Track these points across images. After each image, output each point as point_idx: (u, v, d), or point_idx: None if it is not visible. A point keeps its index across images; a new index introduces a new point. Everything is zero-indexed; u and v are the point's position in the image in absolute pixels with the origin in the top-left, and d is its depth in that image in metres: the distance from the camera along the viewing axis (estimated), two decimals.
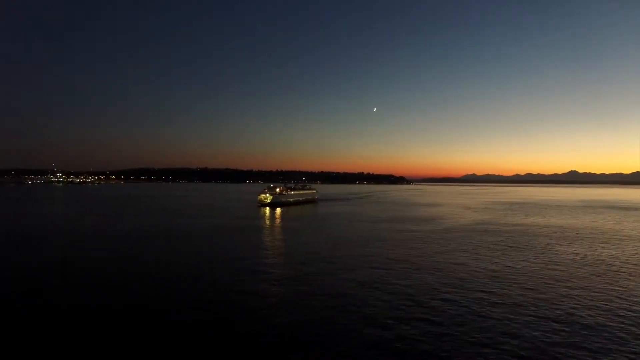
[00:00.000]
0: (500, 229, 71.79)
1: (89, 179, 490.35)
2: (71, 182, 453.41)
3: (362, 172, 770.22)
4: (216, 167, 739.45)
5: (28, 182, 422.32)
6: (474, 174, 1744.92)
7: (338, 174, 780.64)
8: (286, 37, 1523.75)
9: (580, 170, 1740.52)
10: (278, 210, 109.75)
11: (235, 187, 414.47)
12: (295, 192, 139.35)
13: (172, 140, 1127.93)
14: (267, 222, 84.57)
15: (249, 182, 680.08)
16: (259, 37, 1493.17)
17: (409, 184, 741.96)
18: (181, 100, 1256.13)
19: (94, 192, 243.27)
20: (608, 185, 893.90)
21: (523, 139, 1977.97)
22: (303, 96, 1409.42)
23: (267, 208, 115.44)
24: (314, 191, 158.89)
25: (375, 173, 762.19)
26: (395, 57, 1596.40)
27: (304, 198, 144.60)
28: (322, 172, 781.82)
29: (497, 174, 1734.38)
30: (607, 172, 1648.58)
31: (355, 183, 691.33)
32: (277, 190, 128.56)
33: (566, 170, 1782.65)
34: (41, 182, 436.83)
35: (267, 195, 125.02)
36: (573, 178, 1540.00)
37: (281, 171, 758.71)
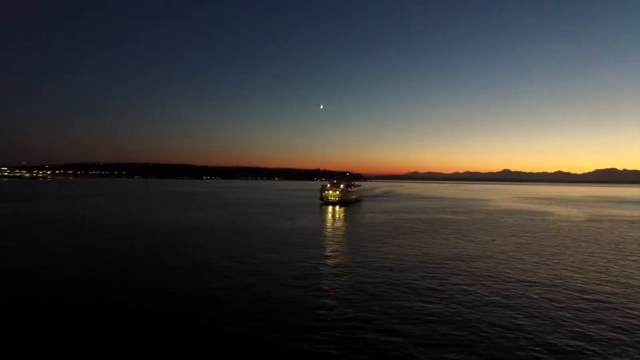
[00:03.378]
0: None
1: (39, 173, 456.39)
2: (20, 177, 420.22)
3: (319, 169, 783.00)
4: (168, 163, 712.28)
5: None
6: (416, 172, 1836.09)
7: (295, 170, 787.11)
8: (240, 35, 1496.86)
9: (512, 169, 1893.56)
10: (340, 208, 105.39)
11: (200, 182, 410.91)
12: (354, 189, 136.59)
13: (116, 133, 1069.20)
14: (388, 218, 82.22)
15: (206, 178, 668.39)
16: (213, 34, 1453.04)
17: (366, 180, 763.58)
18: (128, 91, 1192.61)
19: (82, 188, 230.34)
20: (539, 182, 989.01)
21: (461, 139, 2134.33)
22: (257, 93, 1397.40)
23: (333, 207, 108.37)
24: (360, 187, 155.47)
25: (331, 170, 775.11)
26: (345, 61, 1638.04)
27: (358, 195, 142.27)
28: (279, 168, 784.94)
29: (438, 171, 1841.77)
30: (534, 171, 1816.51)
31: (314, 179, 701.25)
32: (341, 187, 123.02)
33: (500, 169, 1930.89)
34: None
35: (334, 192, 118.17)
36: (506, 176, 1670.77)
37: (240, 167, 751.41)
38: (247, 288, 28.27)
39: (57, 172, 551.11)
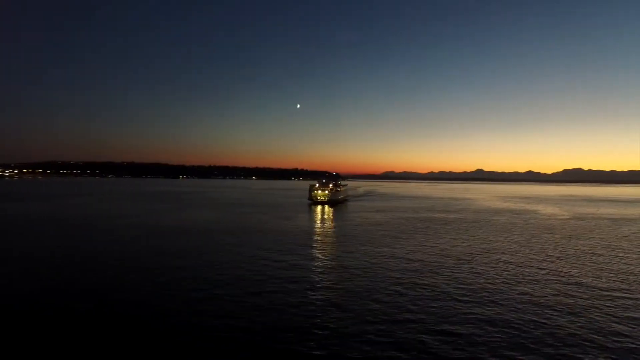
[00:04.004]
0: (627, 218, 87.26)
1: (5, 172, 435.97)
2: None
3: (297, 168, 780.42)
4: (142, 162, 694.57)
5: None
6: (392, 171, 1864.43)
7: (272, 169, 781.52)
8: (218, 33, 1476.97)
9: (486, 169, 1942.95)
10: (330, 208, 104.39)
11: (178, 182, 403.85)
12: (342, 188, 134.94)
13: (88, 132, 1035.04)
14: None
15: (182, 177, 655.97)
16: (191, 33, 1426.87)
17: (344, 180, 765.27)
18: (103, 91, 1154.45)
19: (64, 188, 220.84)
20: (511, 182, 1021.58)
21: (435, 139, 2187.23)
22: (234, 93, 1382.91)
23: (323, 206, 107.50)
24: (347, 187, 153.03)
25: (308, 169, 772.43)
26: (321, 63, 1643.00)
27: (345, 195, 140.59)
28: (257, 167, 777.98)
29: (413, 171, 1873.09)
30: (506, 171, 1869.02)
31: (292, 179, 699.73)
32: (330, 186, 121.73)
33: (474, 169, 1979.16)
34: None
35: (323, 192, 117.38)
36: (480, 175, 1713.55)
37: (216, 166, 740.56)
38: (250, 289, 27.89)
39: (25, 170, 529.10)
